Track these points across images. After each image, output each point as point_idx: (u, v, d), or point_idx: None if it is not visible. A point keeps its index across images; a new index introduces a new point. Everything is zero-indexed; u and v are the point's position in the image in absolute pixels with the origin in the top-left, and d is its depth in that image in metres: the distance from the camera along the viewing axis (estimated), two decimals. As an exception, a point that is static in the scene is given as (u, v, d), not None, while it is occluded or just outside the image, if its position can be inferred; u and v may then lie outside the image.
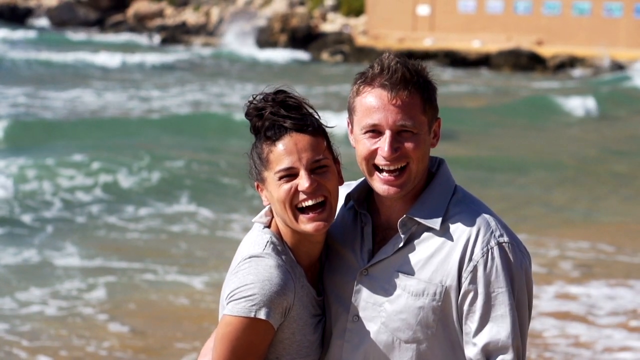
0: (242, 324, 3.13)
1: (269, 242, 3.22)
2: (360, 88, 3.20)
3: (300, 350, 3.25)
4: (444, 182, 3.27)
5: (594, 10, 49.95)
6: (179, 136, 22.21)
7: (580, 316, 9.95)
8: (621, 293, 10.65)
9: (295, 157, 3.15)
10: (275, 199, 3.18)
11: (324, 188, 3.17)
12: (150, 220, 14.13)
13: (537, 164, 20.21)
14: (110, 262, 11.70)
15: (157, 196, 15.73)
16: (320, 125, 3.22)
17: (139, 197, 15.61)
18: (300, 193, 3.15)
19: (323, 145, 3.20)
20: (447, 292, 3.15)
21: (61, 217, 14.22)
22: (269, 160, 3.18)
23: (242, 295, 3.14)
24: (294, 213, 3.17)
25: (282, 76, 38.68)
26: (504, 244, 3.16)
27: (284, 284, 3.15)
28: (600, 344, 9.13)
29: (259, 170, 3.23)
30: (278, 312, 3.14)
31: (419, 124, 3.16)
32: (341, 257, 3.32)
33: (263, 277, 3.14)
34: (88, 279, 10.96)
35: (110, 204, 15.14)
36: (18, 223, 13.67)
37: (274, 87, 3.25)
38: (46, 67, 39.85)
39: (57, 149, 19.14)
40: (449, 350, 3.20)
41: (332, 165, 3.22)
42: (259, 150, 3.22)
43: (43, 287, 10.66)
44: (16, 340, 9.08)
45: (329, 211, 3.19)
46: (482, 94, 35.67)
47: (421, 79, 3.18)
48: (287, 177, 3.16)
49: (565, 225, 14.43)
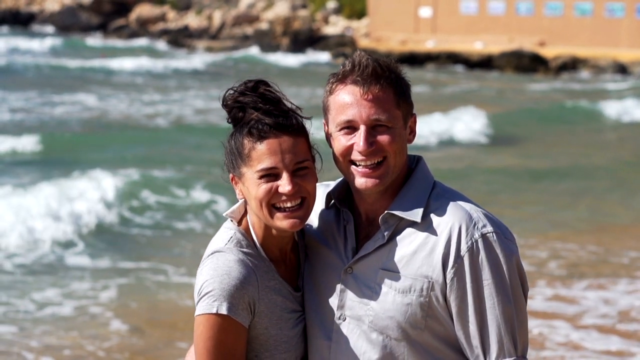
0: (209, 322, 3.12)
1: (232, 237, 3.21)
2: (333, 87, 3.21)
3: (278, 345, 3.22)
4: (422, 177, 3.26)
5: (596, 10, 49.93)
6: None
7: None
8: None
9: (278, 158, 3.12)
10: (252, 196, 3.16)
11: (304, 190, 3.15)
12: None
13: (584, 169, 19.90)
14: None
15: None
16: (301, 123, 3.20)
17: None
18: (281, 195, 3.13)
19: (305, 145, 3.18)
20: (433, 287, 3.13)
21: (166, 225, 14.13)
22: (251, 157, 3.14)
23: (204, 292, 3.13)
24: (270, 211, 3.15)
25: (303, 78, 38.16)
26: (488, 235, 3.13)
27: (244, 277, 3.12)
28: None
29: (237, 165, 3.19)
30: (241, 307, 3.12)
31: (393, 118, 3.16)
32: (324, 257, 3.30)
33: (222, 271, 3.13)
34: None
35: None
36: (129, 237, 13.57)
37: (255, 78, 3.21)
38: (75, 73, 39.39)
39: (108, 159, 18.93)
40: (441, 346, 3.17)
41: (312, 167, 3.20)
42: (238, 144, 3.17)
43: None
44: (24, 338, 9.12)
45: (306, 209, 3.18)
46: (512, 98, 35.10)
47: (393, 74, 3.18)
48: (267, 176, 3.13)
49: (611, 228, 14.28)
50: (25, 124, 24.77)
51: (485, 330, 3.12)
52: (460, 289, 3.12)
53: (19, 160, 19.33)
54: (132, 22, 64.65)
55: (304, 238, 3.40)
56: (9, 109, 27.90)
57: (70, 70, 40.64)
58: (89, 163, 18.18)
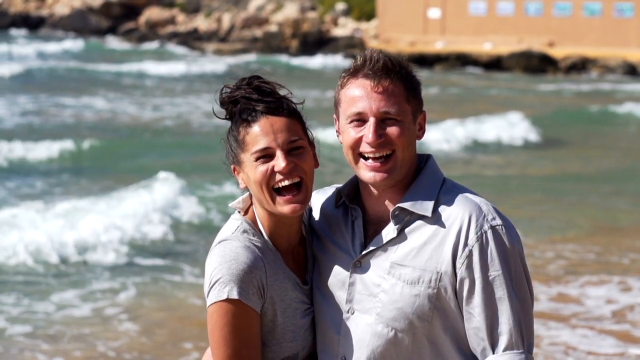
0: (222, 309, 3.14)
1: (239, 227, 3.26)
2: (344, 81, 3.27)
3: (285, 334, 3.25)
4: (432, 173, 3.30)
5: (605, 10, 49.86)
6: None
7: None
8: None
9: (271, 138, 3.19)
10: (252, 180, 3.23)
11: (300, 169, 3.21)
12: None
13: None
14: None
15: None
16: (296, 109, 3.29)
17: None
18: (277, 174, 3.19)
19: (298, 127, 3.26)
20: (442, 279, 3.16)
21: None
22: (245, 142, 3.22)
23: (213, 280, 3.17)
24: (270, 194, 3.21)
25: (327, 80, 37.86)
26: (497, 227, 3.17)
27: (251, 262, 3.17)
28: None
29: (236, 153, 3.27)
30: (251, 292, 3.15)
31: (402, 112, 3.21)
32: (332, 252, 3.34)
33: (229, 257, 3.17)
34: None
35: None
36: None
37: (249, 74, 3.31)
38: (108, 77, 38.83)
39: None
40: (447, 341, 3.19)
41: (307, 147, 3.26)
42: (234, 134, 3.26)
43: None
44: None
45: (305, 193, 3.23)
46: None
47: (404, 70, 3.24)
48: (263, 157, 3.20)
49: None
50: (67, 128, 24.39)
51: (494, 322, 3.14)
52: (470, 280, 3.15)
53: (64, 165, 19.13)
54: (142, 25, 64.76)
55: (312, 234, 3.44)
56: (47, 113, 27.46)
57: (101, 74, 39.98)
58: (134, 169, 17.96)
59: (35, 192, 16.46)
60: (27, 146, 20.12)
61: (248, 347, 3.16)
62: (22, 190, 16.73)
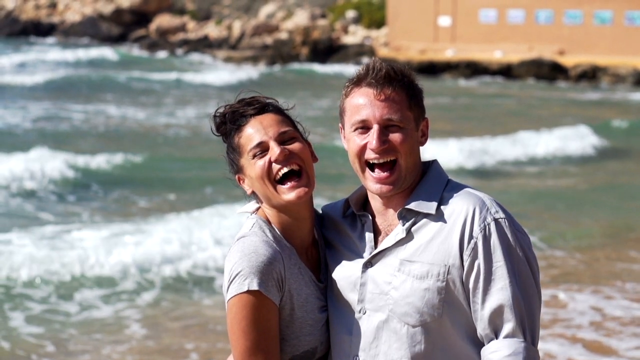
0: (242, 301, 3.20)
1: (255, 224, 3.36)
2: (348, 90, 3.41)
3: (303, 327, 3.32)
4: (436, 175, 3.43)
5: (616, 19, 49.82)
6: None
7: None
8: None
9: (262, 133, 3.35)
10: (254, 178, 3.35)
11: (296, 156, 3.34)
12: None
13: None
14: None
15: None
16: (279, 107, 3.45)
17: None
18: (274, 164, 3.32)
19: (288, 121, 3.42)
20: (450, 272, 3.27)
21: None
22: (241, 145, 3.37)
23: (233, 275, 3.24)
24: (273, 186, 3.33)
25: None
26: (500, 220, 3.29)
27: (270, 255, 3.25)
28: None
29: (236, 162, 3.41)
30: (271, 284, 3.22)
31: (405, 119, 3.34)
32: (343, 256, 3.44)
33: (249, 251, 3.25)
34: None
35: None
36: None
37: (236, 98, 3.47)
38: (154, 87, 37.91)
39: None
40: (458, 336, 3.28)
41: (299, 137, 3.41)
42: (231, 143, 3.40)
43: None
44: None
45: (307, 179, 3.35)
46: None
47: (406, 79, 3.38)
48: (259, 153, 3.34)
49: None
50: (119, 138, 23.99)
51: (495, 312, 3.22)
52: (475, 271, 3.25)
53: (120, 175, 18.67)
54: (152, 32, 64.91)
55: (323, 237, 3.52)
56: (97, 123, 26.76)
57: (147, 82, 39.11)
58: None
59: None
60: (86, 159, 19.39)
61: (267, 340, 3.21)
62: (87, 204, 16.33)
